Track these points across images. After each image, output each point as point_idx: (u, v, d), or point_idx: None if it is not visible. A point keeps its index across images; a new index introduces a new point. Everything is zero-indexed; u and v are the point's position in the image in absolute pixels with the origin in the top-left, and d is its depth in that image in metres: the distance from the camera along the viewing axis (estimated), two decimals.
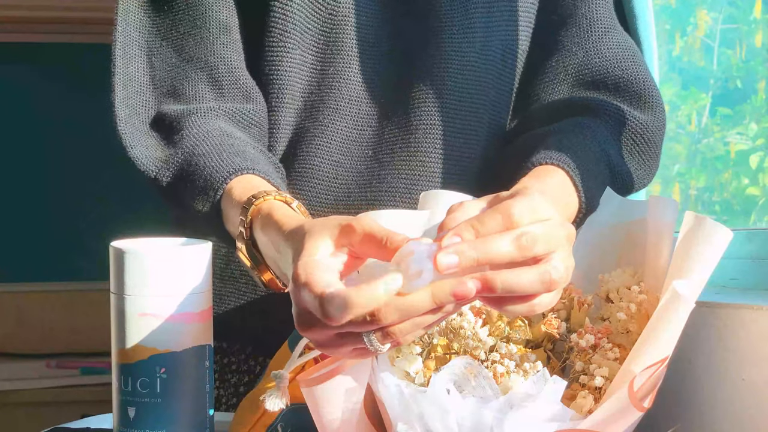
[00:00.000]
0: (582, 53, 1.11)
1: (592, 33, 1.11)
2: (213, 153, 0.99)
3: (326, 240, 0.76)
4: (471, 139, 1.10)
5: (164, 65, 1.08)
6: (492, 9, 1.10)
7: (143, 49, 1.08)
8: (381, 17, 1.09)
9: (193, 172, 0.99)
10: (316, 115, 1.09)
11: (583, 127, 1.04)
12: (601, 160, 1.01)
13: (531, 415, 0.76)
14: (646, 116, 1.08)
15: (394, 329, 0.71)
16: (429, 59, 1.09)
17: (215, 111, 1.04)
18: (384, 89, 1.10)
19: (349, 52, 1.08)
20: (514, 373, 0.81)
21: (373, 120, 1.10)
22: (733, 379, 0.98)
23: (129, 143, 1.04)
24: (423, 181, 1.08)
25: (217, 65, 1.07)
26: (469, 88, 1.10)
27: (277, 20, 1.06)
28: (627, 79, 1.09)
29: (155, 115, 1.06)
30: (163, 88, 1.07)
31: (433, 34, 1.09)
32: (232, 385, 1.13)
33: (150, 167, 1.02)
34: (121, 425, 0.87)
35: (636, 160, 1.08)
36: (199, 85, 1.06)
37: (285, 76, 1.07)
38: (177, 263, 0.85)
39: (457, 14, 1.09)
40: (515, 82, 1.14)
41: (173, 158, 1.01)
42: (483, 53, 1.10)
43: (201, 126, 1.02)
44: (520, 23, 1.12)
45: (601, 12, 1.12)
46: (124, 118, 1.05)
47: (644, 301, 0.87)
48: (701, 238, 0.82)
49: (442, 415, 0.77)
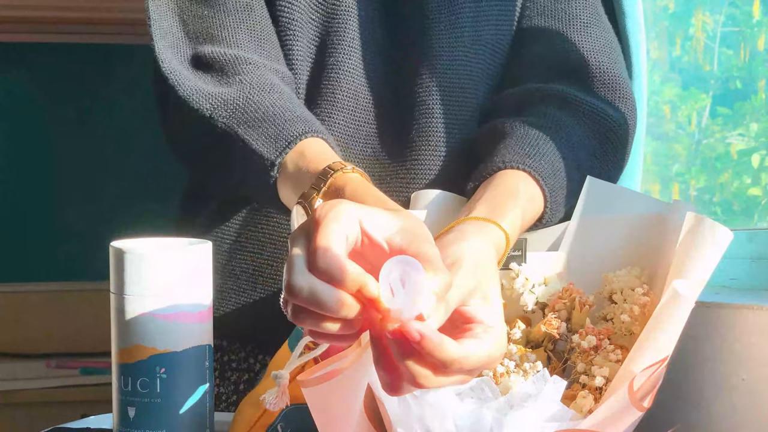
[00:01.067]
0: (559, 43, 1.12)
1: (571, 26, 1.12)
2: (284, 106, 0.97)
3: (341, 230, 0.72)
4: (466, 135, 1.11)
5: (196, 19, 1.06)
6: (480, 4, 1.11)
7: (173, 10, 1.07)
8: (377, 12, 1.10)
9: (262, 119, 0.96)
10: (314, 108, 1.09)
11: (560, 127, 1.04)
12: (572, 166, 1.02)
13: (531, 415, 0.76)
14: (618, 113, 1.09)
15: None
16: (419, 56, 1.10)
17: (267, 67, 1.03)
18: (379, 83, 1.10)
19: (349, 44, 1.09)
20: (514, 373, 0.81)
21: (369, 116, 1.10)
22: (733, 379, 0.98)
23: (177, 81, 1.01)
24: (420, 179, 1.08)
25: (256, 21, 1.06)
26: (461, 84, 1.11)
27: (284, 8, 1.07)
28: (601, 72, 1.10)
29: (196, 56, 1.04)
30: (199, 38, 1.05)
31: (421, 32, 1.10)
32: (231, 383, 1.13)
33: (204, 105, 0.99)
34: (121, 425, 0.87)
35: (607, 158, 1.07)
36: (239, 34, 1.05)
37: (294, 65, 1.08)
38: (177, 263, 0.85)
39: (444, 11, 1.10)
40: None
41: (235, 100, 0.98)
42: (473, 49, 1.11)
43: (260, 76, 1.01)
44: (507, 18, 1.13)
45: (581, 7, 1.13)
46: (167, 60, 1.03)
47: (647, 303, 0.87)
48: (701, 238, 0.82)
49: (441, 415, 0.77)
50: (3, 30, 2.42)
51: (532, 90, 1.09)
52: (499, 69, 1.14)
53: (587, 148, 1.05)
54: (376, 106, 1.10)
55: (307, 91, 1.10)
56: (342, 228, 0.69)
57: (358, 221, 0.71)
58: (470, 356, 0.72)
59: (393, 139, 1.10)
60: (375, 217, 0.71)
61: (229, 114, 0.98)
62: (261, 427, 0.90)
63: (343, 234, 0.69)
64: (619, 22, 1.17)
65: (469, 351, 0.72)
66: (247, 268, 1.11)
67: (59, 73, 2.55)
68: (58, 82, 2.55)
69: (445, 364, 0.70)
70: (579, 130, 1.05)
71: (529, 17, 1.14)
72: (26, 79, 2.56)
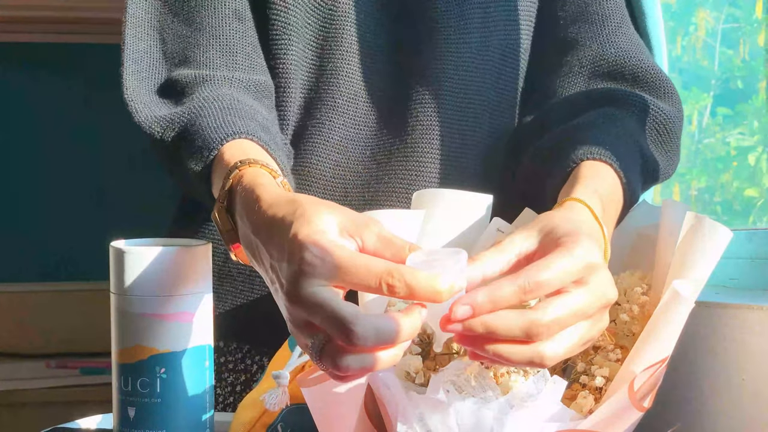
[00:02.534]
0: (597, 46, 1.10)
1: (605, 27, 1.11)
2: (217, 114, 0.96)
3: (332, 220, 0.74)
4: (469, 141, 1.10)
5: (175, 38, 1.07)
6: (488, 9, 1.10)
7: (155, 28, 1.07)
8: (379, 16, 1.10)
9: (194, 132, 0.96)
10: (314, 112, 1.09)
11: (613, 119, 1.03)
12: (635, 152, 1.00)
13: (531, 415, 0.76)
14: (668, 106, 1.08)
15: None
16: (425, 60, 1.09)
17: (229, 80, 1.03)
18: (381, 88, 1.10)
19: (347, 49, 1.08)
20: (514, 373, 0.81)
21: (370, 119, 1.10)
22: (733, 379, 0.98)
23: (135, 108, 1.02)
24: (420, 182, 1.08)
25: (230, 34, 1.06)
26: (467, 89, 1.10)
27: (279, 12, 1.07)
28: (644, 70, 1.09)
29: (166, 81, 1.04)
30: (175, 59, 1.06)
31: (428, 35, 1.09)
32: (228, 384, 1.13)
33: (155, 128, 0.99)
34: (121, 425, 0.87)
35: (660, 150, 1.06)
36: (210, 52, 1.05)
37: (289, 69, 1.08)
38: (177, 263, 0.85)
39: (452, 15, 1.09)
40: (519, 82, 1.14)
41: (179, 116, 0.98)
42: (480, 54, 1.10)
43: (212, 90, 1.00)
44: (519, 23, 1.12)
45: (612, 8, 1.12)
46: (132, 88, 1.04)
47: (647, 303, 0.87)
48: (701, 238, 0.82)
49: (442, 415, 0.77)
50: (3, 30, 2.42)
51: (579, 97, 1.08)
52: (510, 75, 1.13)
53: (645, 138, 1.04)
54: (376, 109, 1.10)
55: (305, 94, 1.10)
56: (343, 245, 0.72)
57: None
58: (552, 275, 0.73)
59: (393, 141, 1.10)
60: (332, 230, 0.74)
61: (175, 132, 0.98)
62: (261, 427, 0.90)
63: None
64: (639, 22, 1.17)
65: (553, 267, 0.73)
66: (243, 269, 1.11)
67: (59, 73, 2.55)
68: (58, 82, 2.55)
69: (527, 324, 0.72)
70: (633, 124, 1.04)
71: (563, 26, 1.13)
72: (26, 79, 2.56)
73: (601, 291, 0.76)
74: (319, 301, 0.71)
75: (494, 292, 0.72)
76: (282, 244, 0.74)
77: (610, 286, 0.77)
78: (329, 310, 0.70)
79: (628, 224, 0.95)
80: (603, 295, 0.76)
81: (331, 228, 0.74)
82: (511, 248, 0.76)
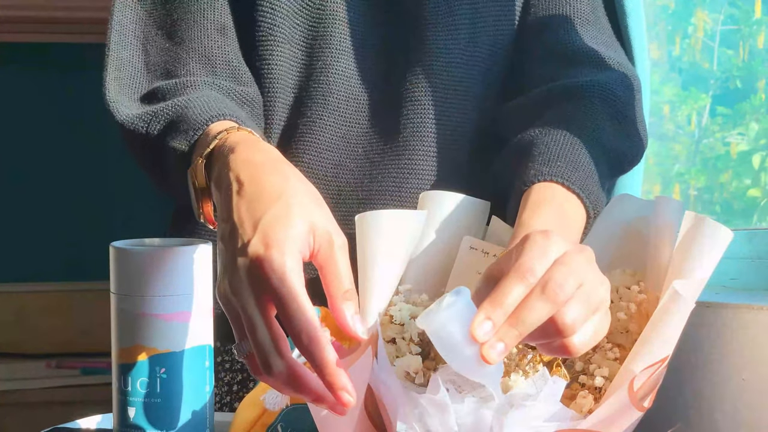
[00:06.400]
0: (564, 33, 1.12)
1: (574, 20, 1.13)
2: (203, 104, 0.98)
3: (303, 231, 0.77)
4: (459, 137, 1.11)
5: (158, 51, 1.08)
6: (477, 6, 1.11)
7: (138, 38, 1.09)
8: (368, 14, 1.10)
9: (180, 120, 0.97)
10: (305, 111, 1.09)
11: (570, 120, 1.03)
12: (595, 149, 1.00)
13: (531, 415, 0.76)
14: (621, 90, 1.08)
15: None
16: (414, 57, 1.10)
17: (211, 85, 1.04)
18: (372, 85, 1.10)
19: (337, 47, 1.09)
20: (514, 373, 0.81)
21: (362, 117, 1.10)
22: (733, 379, 0.98)
23: (116, 108, 1.03)
24: (412, 180, 1.09)
25: (211, 47, 1.07)
26: (456, 85, 1.11)
27: (266, 14, 1.07)
28: (608, 58, 1.10)
29: (147, 92, 1.06)
30: (157, 71, 1.07)
31: (417, 32, 1.10)
32: (225, 383, 1.13)
33: (138, 123, 1.01)
34: (121, 425, 0.87)
35: (620, 137, 1.06)
36: (190, 64, 1.06)
37: (276, 70, 1.08)
38: (177, 263, 0.85)
39: (441, 12, 1.10)
40: (502, 77, 1.15)
41: (164, 110, 1.00)
42: (469, 50, 1.11)
43: (196, 91, 1.02)
44: (506, 20, 1.13)
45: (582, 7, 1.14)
46: (112, 90, 1.05)
47: (644, 301, 0.87)
48: (701, 238, 0.82)
49: (442, 415, 0.77)
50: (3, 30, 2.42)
51: (537, 97, 1.09)
52: (498, 71, 1.14)
53: (605, 130, 1.04)
54: (368, 107, 1.10)
55: (296, 94, 1.10)
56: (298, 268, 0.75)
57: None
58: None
59: (385, 139, 1.10)
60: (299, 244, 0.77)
61: (161, 125, 0.99)
62: (261, 427, 0.90)
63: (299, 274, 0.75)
64: (620, 21, 1.17)
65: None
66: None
67: (59, 73, 2.55)
68: (57, 81, 2.55)
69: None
70: (591, 118, 1.04)
71: (534, 13, 1.14)
72: (25, 79, 2.56)
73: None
74: (256, 315, 0.75)
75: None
76: (254, 225, 0.77)
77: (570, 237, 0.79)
78: (261, 331, 0.75)
79: (616, 217, 0.95)
80: (582, 248, 0.78)
81: (301, 248, 0.77)
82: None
